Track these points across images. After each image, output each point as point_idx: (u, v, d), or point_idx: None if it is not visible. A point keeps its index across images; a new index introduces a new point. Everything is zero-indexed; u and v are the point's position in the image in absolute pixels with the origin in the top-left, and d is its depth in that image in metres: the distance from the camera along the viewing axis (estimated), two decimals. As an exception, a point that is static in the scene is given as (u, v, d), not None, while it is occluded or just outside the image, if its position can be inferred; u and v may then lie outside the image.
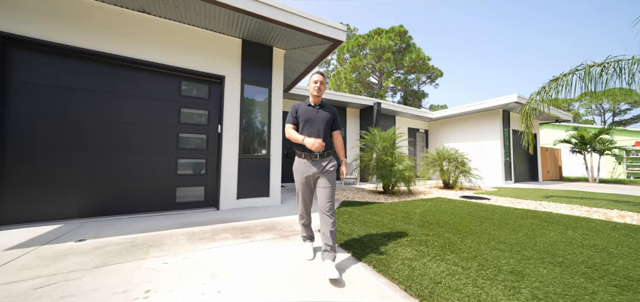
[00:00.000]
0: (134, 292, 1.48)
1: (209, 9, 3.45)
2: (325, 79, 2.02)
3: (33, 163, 2.99)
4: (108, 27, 3.34)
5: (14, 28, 2.86)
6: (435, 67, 27.87)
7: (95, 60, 3.34)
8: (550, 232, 2.68)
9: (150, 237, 2.46)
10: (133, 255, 2.02)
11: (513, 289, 1.49)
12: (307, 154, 1.93)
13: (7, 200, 2.85)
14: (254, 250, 2.18)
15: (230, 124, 4.08)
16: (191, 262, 1.90)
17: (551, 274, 1.69)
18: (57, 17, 3.08)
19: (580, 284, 1.57)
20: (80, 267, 1.80)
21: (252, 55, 4.33)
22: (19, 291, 1.46)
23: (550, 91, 4.80)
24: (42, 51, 3.07)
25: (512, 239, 2.44)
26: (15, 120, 2.92)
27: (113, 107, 3.44)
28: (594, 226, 2.97)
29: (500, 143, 9.53)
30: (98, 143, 3.33)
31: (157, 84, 3.73)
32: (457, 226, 2.92)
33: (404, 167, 5.86)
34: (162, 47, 3.67)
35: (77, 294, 1.44)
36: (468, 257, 1.99)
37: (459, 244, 2.29)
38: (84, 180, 3.23)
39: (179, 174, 3.83)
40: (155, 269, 1.78)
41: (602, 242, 2.37)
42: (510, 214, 3.64)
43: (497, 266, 1.82)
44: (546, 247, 2.22)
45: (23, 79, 2.98)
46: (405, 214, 3.56)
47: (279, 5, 3.62)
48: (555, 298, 1.40)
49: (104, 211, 3.31)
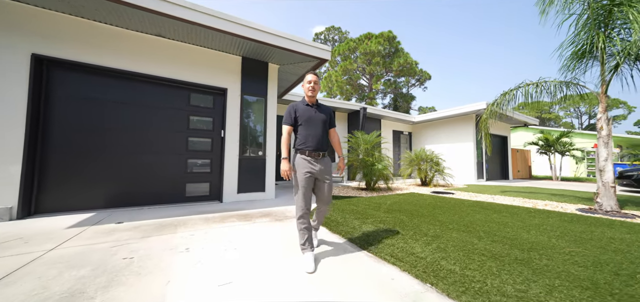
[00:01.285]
0: (178, 249, 2.21)
1: (214, 33, 4.15)
2: (318, 79, 2.11)
3: (70, 163, 3.63)
4: (130, 49, 4.01)
5: (55, 52, 3.49)
6: (424, 71, 29.00)
7: (119, 76, 4.00)
8: (478, 215, 3.56)
9: (174, 220, 3.17)
10: (165, 231, 2.73)
11: (428, 244, 2.31)
12: (310, 152, 1.99)
13: (49, 193, 3.48)
14: (255, 228, 2.93)
15: (231, 129, 4.79)
16: (211, 235, 2.63)
17: (457, 236, 2.53)
18: (88, 42, 3.72)
19: (471, 241, 2.40)
20: (132, 238, 2.50)
21: (250, 70, 5.06)
22: (101, 249, 2.16)
23: (502, 103, 5.74)
24: (76, 70, 3.71)
25: (447, 219, 3.29)
26: (56, 128, 3.56)
27: (134, 116, 4.10)
28: (516, 211, 3.88)
29: (473, 145, 10.56)
30: (121, 146, 3.99)
31: (170, 96, 4.41)
32: (413, 212, 3.75)
33: (382, 166, 6.71)
34: (174, 65, 4.35)
35: (139, 250, 2.16)
36: (408, 229, 2.80)
37: (407, 222, 3.12)
38: (110, 177, 3.88)
39: (188, 172, 4.52)
40: (186, 238, 2.50)
41: (508, 220, 3.25)
42: (461, 204, 4.52)
43: (425, 233, 2.65)
44: (467, 223, 3.07)
45: (62, 94, 3.61)
46: (377, 205, 4.37)
47: (273, 31, 4.36)
48: (451, 247, 2.22)
49: (126, 203, 3.97)
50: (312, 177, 2.00)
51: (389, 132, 12.31)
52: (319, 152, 2.01)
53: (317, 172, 2.00)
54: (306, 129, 2.03)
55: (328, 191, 2.07)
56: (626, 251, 2.20)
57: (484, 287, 1.55)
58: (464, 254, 2.08)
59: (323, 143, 2.07)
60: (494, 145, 12.12)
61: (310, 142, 2.01)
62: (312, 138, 2.02)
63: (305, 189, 1.97)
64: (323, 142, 2.07)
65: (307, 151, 2.00)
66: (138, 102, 4.15)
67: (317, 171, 2.00)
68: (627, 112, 37.71)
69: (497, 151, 12.26)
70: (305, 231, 1.97)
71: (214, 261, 1.96)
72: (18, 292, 1.47)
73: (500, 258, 2.01)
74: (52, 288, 1.51)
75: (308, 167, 1.98)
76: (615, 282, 1.64)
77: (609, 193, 3.83)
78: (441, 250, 2.18)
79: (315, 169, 1.99)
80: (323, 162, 2.05)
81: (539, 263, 1.92)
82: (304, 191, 1.97)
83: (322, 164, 2.03)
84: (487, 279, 1.65)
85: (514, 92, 5.42)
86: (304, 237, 1.96)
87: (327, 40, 34.26)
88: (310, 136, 2.02)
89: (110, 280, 1.62)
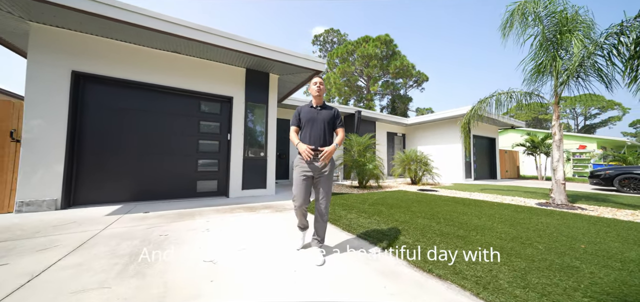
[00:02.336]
0: (200, 230, 2.84)
1: (223, 51, 4.78)
2: (323, 81, 2.30)
3: (100, 162, 4.26)
4: (150, 64, 4.64)
5: (90, 69, 4.12)
6: (422, 72, 29.60)
7: (140, 88, 4.63)
8: (447, 207, 4.21)
9: (190, 211, 3.80)
10: (185, 218, 3.36)
11: (393, 226, 2.95)
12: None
13: (85, 188, 4.12)
14: (260, 217, 3.56)
15: (236, 133, 5.43)
16: (224, 221, 3.27)
17: (421, 222, 3.17)
18: (115, 59, 4.35)
19: (430, 224, 3.05)
20: (160, 222, 3.13)
21: (253, 80, 5.70)
22: (141, 230, 2.80)
23: (479, 109, 6.40)
24: (106, 83, 4.34)
25: (419, 210, 3.94)
26: (89, 133, 4.19)
27: (153, 122, 4.73)
28: (481, 204, 4.53)
29: (461, 146, 11.22)
30: (142, 148, 4.62)
31: (183, 104, 5.05)
32: (393, 205, 4.40)
33: (373, 166, 7.36)
34: (187, 77, 4.98)
35: (169, 230, 2.79)
36: (384, 217, 3.45)
37: (385, 212, 3.77)
38: (133, 174, 4.52)
39: (198, 171, 5.15)
40: (204, 223, 3.14)
41: (469, 211, 3.89)
42: (438, 199, 5.17)
43: (396, 219, 3.29)
44: (433, 213, 3.72)
45: (94, 103, 4.24)
46: (364, 199, 5.02)
47: (273, 47, 5.00)
48: (412, 228, 2.86)
49: (147, 197, 4.60)
50: (308, 178, 2.08)
51: (383, 133, 12.95)
52: (317, 151, 2.08)
53: (315, 171, 2.08)
54: (308, 129, 2.13)
55: (326, 189, 2.12)
56: (542, 231, 2.85)
57: (445, 262, 2.19)
58: (420, 233, 2.72)
59: (322, 142, 2.12)
60: (482, 146, 12.80)
61: (308, 141, 2.10)
62: (310, 137, 2.11)
63: (300, 188, 2.07)
64: (322, 141, 2.12)
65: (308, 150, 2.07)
66: (156, 110, 4.78)
67: (313, 170, 2.08)
68: (621, 113, 38.31)
69: (486, 152, 12.94)
70: (301, 217, 2.19)
71: (230, 237, 2.60)
72: (99, 252, 2.10)
73: (446, 235, 2.65)
74: (119, 251, 2.15)
75: (305, 166, 2.08)
76: (518, 247, 2.29)
77: (559, 189, 4.49)
78: (404, 230, 2.82)
79: (312, 166, 2.07)
80: (324, 163, 2.09)
81: (473, 238, 2.56)
82: (299, 191, 2.07)
83: (321, 164, 2.09)
84: (429, 248, 2.29)
85: (489, 100, 6.08)
86: (301, 220, 2.23)
87: (326, 42, 34.88)
88: (309, 135, 2.11)
89: (157, 246, 2.26)
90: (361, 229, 2.86)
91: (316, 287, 1.62)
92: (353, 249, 2.29)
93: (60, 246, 2.23)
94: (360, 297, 1.54)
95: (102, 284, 1.60)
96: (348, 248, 2.32)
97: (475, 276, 1.75)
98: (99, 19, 3.56)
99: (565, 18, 4.34)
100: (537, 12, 4.33)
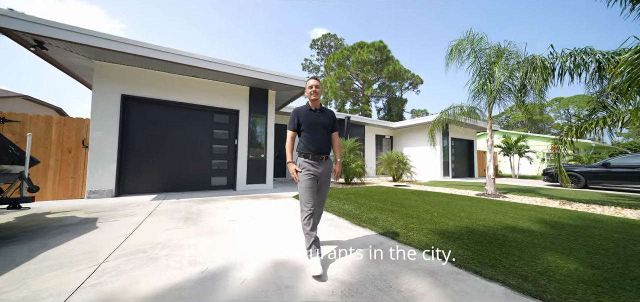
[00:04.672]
0: (221, 208, 4.19)
1: (232, 75, 6.14)
2: (320, 83, 2.15)
3: (139, 163, 5.62)
4: (175, 87, 6.00)
5: (132, 92, 5.48)
6: (416, 75, 30.90)
7: (169, 105, 5.99)
8: (403, 196, 5.56)
9: (209, 198, 5.16)
10: (207, 203, 4.71)
11: (353, 205, 4.30)
12: (313, 156, 2.06)
13: (129, 181, 5.48)
14: (261, 202, 4.92)
15: (242, 138, 6.79)
16: (236, 204, 4.63)
17: (374, 204, 4.52)
18: (150, 84, 5.71)
19: (381, 205, 4.40)
20: (191, 205, 4.48)
21: (255, 96, 7.06)
22: (180, 208, 4.15)
23: (441, 118, 7.76)
24: (143, 102, 5.70)
25: (379, 197, 5.29)
26: (131, 140, 5.55)
27: (178, 131, 6.10)
28: (433, 194, 5.88)
29: (440, 147, 12.59)
30: (170, 151, 5.98)
31: (200, 117, 6.41)
32: (363, 194, 5.76)
33: (356, 165, 8.72)
34: (204, 95, 6.34)
35: (200, 210, 4.13)
36: (351, 201, 4.79)
37: (353, 198, 5.12)
38: (163, 172, 5.87)
39: (212, 169, 6.52)
40: (223, 204, 4.49)
41: (416, 197, 5.24)
42: (401, 191, 6.53)
43: (357, 202, 4.65)
44: (387, 199, 5.07)
45: (134, 118, 5.60)
46: (347, 192, 6.37)
47: (271, 72, 6.36)
48: (366, 207, 4.21)
49: (173, 189, 5.96)
50: (315, 180, 2.06)
51: (372, 136, 14.30)
52: (321, 156, 2.08)
53: (320, 175, 2.09)
54: (309, 134, 2.10)
55: (324, 193, 2.19)
56: (451, 208, 4.20)
57: (370, 218, 3.53)
58: (367, 208, 4.08)
59: (325, 147, 2.13)
60: (461, 147, 14.16)
61: (313, 146, 2.08)
62: (314, 142, 2.08)
63: (309, 190, 2.02)
64: (325, 146, 2.13)
65: (310, 155, 2.07)
66: (180, 122, 6.15)
67: (319, 174, 2.08)
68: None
69: (464, 153, 14.30)
70: (311, 233, 1.96)
71: (242, 211, 3.96)
72: (164, 217, 3.46)
73: (382, 209, 4.01)
74: (175, 216, 3.51)
75: (312, 170, 2.06)
76: (423, 215, 3.64)
77: (490, 182, 5.85)
78: (359, 207, 4.18)
79: (318, 171, 2.08)
80: (325, 165, 2.12)
81: (398, 210, 3.92)
82: (309, 193, 2.02)
83: (324, 167, 2.11)
84: (371, 215, 3.63)
85: (447, 111, 7.45)
86: (309, 241, 1.95)
87: (324, 46, 36.26)
88: (312, 140, 2.08)
89: (196, 215, 3.61)
90: (330, 208, 4.22)
91: (295, 232, 2.98)
92: (322, 219, 3.65)
93: (138, 214, 3.59)
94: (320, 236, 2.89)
95: (177, 227, 2.96)
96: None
97: (382, 226, 3.10)
98: (143, 58, 4.93)
99: (495, 52, 5.71)
100: (472, 47, 5.71)
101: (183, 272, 1.83)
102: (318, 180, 2.10)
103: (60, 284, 1.64)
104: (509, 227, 3.10)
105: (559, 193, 6.77)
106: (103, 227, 2.95)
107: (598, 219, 3.66)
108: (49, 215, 3.51)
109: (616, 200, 5.56)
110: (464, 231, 2.87)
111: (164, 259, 2.07)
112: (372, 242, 2.54)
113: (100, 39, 4.36)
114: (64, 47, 4.43)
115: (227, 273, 1.84)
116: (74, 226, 2.95)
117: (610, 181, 7.73)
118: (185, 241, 2.50)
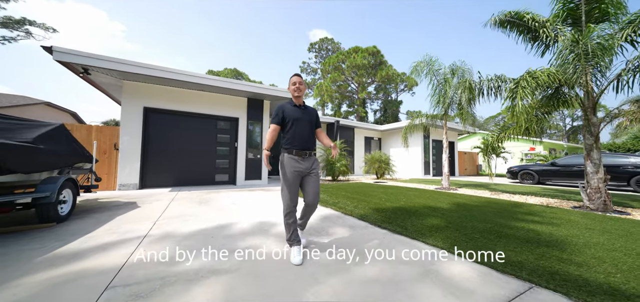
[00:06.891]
0: (224, 197, 5.45)
1: (233, 90, 7.40)
2: (303, 80, 2.20)
3: (156, 161, 6.88)
4: (184, 99, 7.26)
5: (151, 104, 6.75)
6: (411, 78, 32.10)
7: (181, 114, 7.26)
8: (376, 191, 6.82)
9: (215, 190, 6.42)
10: (214, 193, 5.97)
11: (331, 195, 5.56)
12: (297, 151, 2.11)
13: (148, 177, 6.74)
14: (257, 194, 6.18)
15: (241, 141, 8.05)
16: (237, 194, 5.89)
17: (344, 193, 5.78)
18: (165, 97, 6.97)
19: (351, 195, 5.66)
20: (202, 194, 5.74)
21: (252, 106, 8.33)
22: (195, 197, 5.42)
23: (412, 123, 9.04)
24: (159, 112, 6.97)
25: (356, 191, 6.54)
26: (152, 143, 6.82)
27: (188, 136, 7.36)
28: (403, 188, 7.14)
29: (421, 148, 13.86)
30: (181, 152, 7.24)
31: (206, 124, 7.68)
32: (344, 189, 7.01)
33: (340, 165, 9.99)
34: (209, 106, 7.61)
35: (209, 197, 5.39)
36: (330, 194, 6.05)
37: (333, 191, 6.39)
38: (175, 169, 7.14)
39: (216, 167, 7.79)
40: (226, 194, 5.76)
41: (387, 191, 6.49)
42: (377, 186, 7.79)
43: (334, 194, 5.91)
44: (361, 191, 6.32)
45: (153, 125, 6.87)
46: (330, 187, 7.63)
47: (265, 87, 7.63)
48: (340, 197, 5.46)
49: (184, 184, 7.23)
50: (298, 175, 2.10)
51: (361, 138, 15.57)
52: (305, 152, 2.12)
53: (304, 170, 2.11)
54: (294, 130, 2.12)
55: (315, 185, 2.19)
56: (404, 196, 5.46)
57: (335, 202, 4.78)
58: (337, 197, 5.34)
59: (310, 143, 2.17)
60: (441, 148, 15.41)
61: (297, 142, 2.11)
62: (299, 138, 2.12)
63: (292, 186, 2.08)
64: (310, 142, 2.17)
65: (294, 151, 2.10)
66: (189, 128, 7.42)
67: (303, 169, 2.11)
68: (605, 114, 40.65)
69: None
70: (291, 225, 2.08)
71: (242, 199, 5.22)
72: (183, 202, 4.73)
73: (353, 198, 5.26)
74: (192, 201, 4.77)
75: (295, 165, 2.09)
76: (376, 201, 4.90)
77: (445, 179, 7.13)
78: (331, 196, 5.44)
79: (302, 167, 2.11)
80: (309, 161, 2.15)
81: (364, 199, 5.17)
82: (291, 189, 2.08)
83: (309, 162, 2.15)
84: (336, 200, 4.88)
85: (415, 120, 8.73)
86: (289, 231, 2.08)
87: (321, 49, 37.49)
88: (297, 136, 2.12)
89: (207, 201, 4.87)
90: (308, 196, 5.50)
91: (277, 210, 4.23)
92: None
93: (163, 200, 4.85)
94: (291, 210, 4.16)
95: (195, 206, 4.23)
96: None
97: (344, 208, 4.33)
98: (161, 78, 6.20)
99: (450, 71, 6.99)
100: (429, 67, 7.00)
101: (205, 224, 3.10)
102: (302, 176, 2.15)
103: (138, 229, 2.90)
104: (429, 206, 4.37)
105: (509, 188, 8.04)
106: (144, 207, 4.22)
107: (496, 203, 4.95)
108: (100, 200, 4.78)
109: (541, 192, 6.84)
110: (394, 209, 4.13)
111: (192, 220, 3.34)
112: (327, 214, 3.81)
113: (129, 65, 5.63)
114: (103, 72, 5.70)
115: (231, 225, 3.11)
116: (123, 205, 4.22)
117: (557, 177, 9.01)
118: (202, 214, 3.76)
